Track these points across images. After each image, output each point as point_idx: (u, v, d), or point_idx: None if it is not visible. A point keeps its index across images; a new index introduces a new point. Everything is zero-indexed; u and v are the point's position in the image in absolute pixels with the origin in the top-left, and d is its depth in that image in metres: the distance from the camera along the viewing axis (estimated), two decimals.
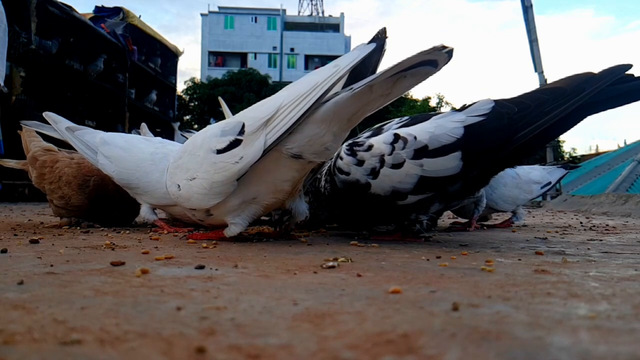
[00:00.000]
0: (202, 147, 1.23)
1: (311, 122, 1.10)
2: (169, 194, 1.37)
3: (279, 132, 1.09)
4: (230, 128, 1.17)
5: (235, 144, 1.15)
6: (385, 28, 1.18)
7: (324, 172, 1.48)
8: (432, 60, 1.03)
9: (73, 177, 1.76)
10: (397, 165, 1.26)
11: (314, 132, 1.12)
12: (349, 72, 1.10)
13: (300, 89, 1.09)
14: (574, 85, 1.20)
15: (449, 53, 1.02)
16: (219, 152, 1.17)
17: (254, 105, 1.23)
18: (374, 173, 1.29)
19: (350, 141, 1.37)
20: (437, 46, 0.99)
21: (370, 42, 1.20)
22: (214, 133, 1.22)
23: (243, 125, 1.15)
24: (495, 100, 1.27)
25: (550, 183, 2.38)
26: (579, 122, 1.25)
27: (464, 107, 1.31)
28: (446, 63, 1.04)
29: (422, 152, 1.24)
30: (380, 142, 1.30)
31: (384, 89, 1.08)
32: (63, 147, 1.92)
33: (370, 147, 1.30)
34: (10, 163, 2.02)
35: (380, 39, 1.16)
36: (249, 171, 1.15)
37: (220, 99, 2.50)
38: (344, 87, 1.20)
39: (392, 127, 1.35)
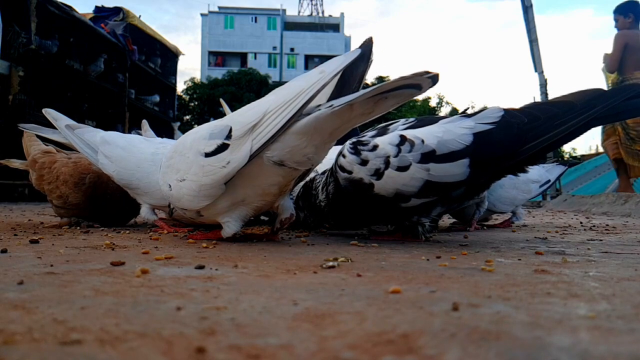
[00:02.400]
0: (192, 148, 1.23)
1: (292, 134, 1.10)
2: (163, 195, 1.37)
3: (265, 139, 1.09)
4: (219, 131, 1.17)
5: (222, 148, 1.15)
6: (371, 37, 1.17)
7: (324, 175, 1.47)
8: (415, 84, 1.01)
9: (70, 176, 1.76)
10: (402, 168, 1.25)
11: (295, 144, 1.11)
12: (336, 78, 1.08)
13: (286, 95, 1.09)
14: (584, 101, 1.21)
15: (433, 78, 1.00)
16: (207, 155, 1.17)
17: (242, 109, 1.23)
18: (378, 174, 1.28)
19: (354, 139, 1.36)
20: (419, 72, 0.98)
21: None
22: (202, 135, 1.22)
23: (230, 130, 1.15)
24: (504, 109, 1.27)
25: (549, 181, 2.37)
26: (583, 133, 1.27)
27: (471, 113, 1.31)
28: (431, 86, 1.02)
29: (429, 156, 1.23)
30: (385, 142, 1.28)
31: (365, 108, 1.07)
32: (64, 149, 1.93)
33: (375, 147, 1.29)
34: (16, 163, 2.04)
35: (366, 46, 1.15)
36: (236, 175, 1.15)
37: (221, 100, 2.50)
38: (332, 93, 1.19)
39: (398, 128, 1.33)
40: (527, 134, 1.21)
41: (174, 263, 0.90)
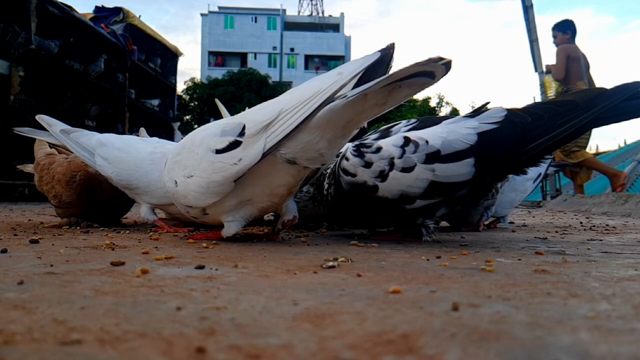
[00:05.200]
0: (202, 145, 1.22)
1: (305, 129, 1.09)
2: (168, 191, 1.36)
3: (279, 137, 1.08)
4: (231, 129, 1.17)
5: (234, 145, 1.14)
6: (393, 43, 1.15)
7: (327, 174, 1.47)
8: (429, 71, 1.01)
9: (62, 175, 1.78)
10: (407, 169, 1.25)
11: (308, 139, 1.10)
12: (354, 80, 1.07)
13: (303, 95, 1.08)
14: (586, 100, 1.22)
15: (447, 65, 0.99)
16: (218, 152, 1.16)
17: (255, 107, 1.22)
18: (383, 176, 1.27)
19: (357, 142, 1.35)
20: (433, 57, 0.97)
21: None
22: (213, 132, 1.21)
23: (244, 127, 1.14)
24: (507, 109, 1.27)
25: (540, 174, 2.40)
26: (585, 132, 1.28)
27: (474, 113, 1.31)
28: (444, 74, 1.02)
29: (434, 156, 1.23)
30: (389, 144, 1.28)
31: (379, 98, 1.06)
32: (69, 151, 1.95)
33: (378, 149, 1.29)
34: (29, 168, 2.07)
35: (386, 50, 1.13)
36: (247, 173, 1.15)
37: (217, 101, 2.48)
38: None
39: (401, 129, 1.33)
40: (531, 133, 1.22)
41: (174, 263, 0.90)
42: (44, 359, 0.39)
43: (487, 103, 1.77)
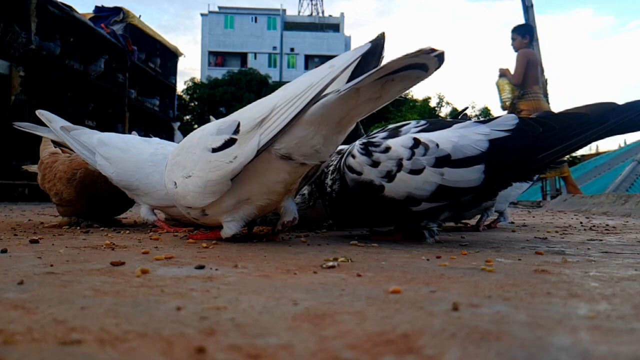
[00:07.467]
0: (199, 145, 1.22)
1: (299, 124, 1.09)
2: (168, 193, 1.36)
3: (273, 133, 1.08)
4: (226, 127, 1.17)
5: (229, 143, 1.14)
6: (383, 33, 1.15)
7: (330, 171, 1.46)
8: (422, 64, 0.99)
9: (64, 172, 1.79)
10: (416, 172, 1.24)
11: (303, 134, 1.10)
12: (346, 73, 1.07)
13: (295, 90, 1.08)
14: (598, 114, 1.23)
15: (439, 57, 0.98)
16: (214, 150, 1.16)
17: (250, 105, 1.22)
18: (390, 176, 1.26)
19: (364, 140, 1.34)
20: (424, 49, 0.96)
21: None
22: (210, 131, 1.21)
23: (238, 125, 1.14)
24: (518, 117, 1.28)
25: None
26: (591, 143, 1.30)
27: (485, 119, 1.32)
28: (437, 67, 1.01)
29: (444, 161, 1.23)
30: (398, 145, 1.27)
31: (372, 92, 1.05)
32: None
33: (387, 149, 1.28)
34: (33, 168, 2.10)
35: (377, 41, 1.13)
36: (243, 171, 1.15)
37: (212, 118, 2.51)
38: None
39: (410, 130, 1.32)
40: (542, 143, 1.22)
41: (174, 263, 0.90)
42: (44, 359, 0.39)
43: (466, 108, 1.76)
